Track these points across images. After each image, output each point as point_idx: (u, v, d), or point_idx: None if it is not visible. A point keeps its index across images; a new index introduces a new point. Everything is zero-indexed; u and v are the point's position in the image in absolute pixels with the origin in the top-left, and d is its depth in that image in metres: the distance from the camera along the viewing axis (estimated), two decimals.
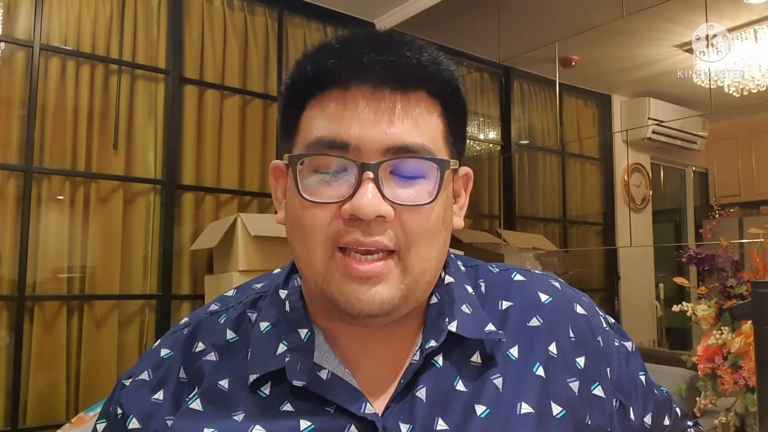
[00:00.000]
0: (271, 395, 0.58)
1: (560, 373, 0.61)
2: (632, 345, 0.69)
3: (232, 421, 0.57)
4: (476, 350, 0.60)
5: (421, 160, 0.55)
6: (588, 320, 0.66)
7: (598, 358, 0.64)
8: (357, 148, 0.53)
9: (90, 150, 2.53)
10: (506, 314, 0.63)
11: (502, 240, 3.24)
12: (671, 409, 0.72)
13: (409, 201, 0.54)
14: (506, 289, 0.66)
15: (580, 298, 0.68)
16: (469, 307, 0.62)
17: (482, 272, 0.68)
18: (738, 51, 2.30)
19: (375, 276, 0.54)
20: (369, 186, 0.53)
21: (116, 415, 0.62)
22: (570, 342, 0.63)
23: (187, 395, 0.60)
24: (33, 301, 2.35)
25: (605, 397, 0.62)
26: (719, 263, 1.71)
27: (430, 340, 0.58)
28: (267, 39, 3.03)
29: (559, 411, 0.59)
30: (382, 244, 0.54)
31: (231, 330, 0.63)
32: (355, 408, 0.55)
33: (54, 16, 2.47)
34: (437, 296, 0.61)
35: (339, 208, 0.54)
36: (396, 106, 0.54)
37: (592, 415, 0.61)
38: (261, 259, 2.33)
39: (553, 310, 0.64)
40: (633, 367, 0.68)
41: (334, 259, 0.55)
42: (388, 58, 0.54)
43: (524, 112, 3.48)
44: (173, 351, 0.64)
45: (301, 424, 0.55)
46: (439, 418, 0.56)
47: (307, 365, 0.57)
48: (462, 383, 0.58)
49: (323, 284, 0.55)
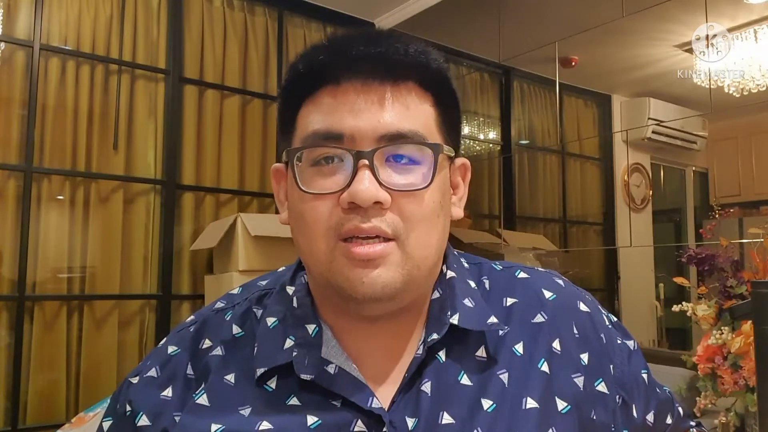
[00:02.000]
0: (277, 389, 0.58)
1: (564, 368, 0.61)
2: (634, 344, 0.70)
3: (239, 416, 0.57)
4: (480, 345, 0.61)
5: (415, 145, 0.56)
6: (591, 317, 0.66)
7: (600, 355, 0.64)
8: (352, 137, 0.55)
9: (90, 150, 2.53)
10: (510, 311, 0.64)
11: (502, 240, 3.24)
12: (674, 408, 0.73)
13: (405, 186, 0.56)
14: (510, 286, 0.66)
15: (583, 296, 0.69)
16: (472, 300, 0.62)
17: (486, 269, 0.69)
18: (738, 51, 2.30)
19: (375, 258, 0.55)
20: (365, 173, 0.54)
21: (125, 413, 0.62)
22: (574, 338, 0.64)
23: (195, 391, 0.60)
24: (33, 301, 2.35)
25: (608, 393, 0.63)
26: (719, 263, 1.70)
27: (433, 333, 0.59)
28: (267, 39, 3.03)
29: (565, 406, 0.59)
30: (380, 229, 0.55)
31: (237, 325, 0.64)
32: (362, 401, 0.56)
33: (54, 16, 2.47)
34: (439, 291, 0.62)
35: (338, 198, 0.55)
36: (388, 95, 0.56)
37: (596, 411, 0.61)
38: (261, 259, 2.33)
39: (557, 308, 0.65)
40: (635, 365, 0.68)
41: (337, 248, 0.56)
42: (377, 49, 0.56)
43: (524, 112, 3.48)
44: (180, 348, 0.64)
45: (308, 419, 0.56)
46: (444, 412, 0.56)
47: (314, 360, 0.58)
48: (467, 377, 0.59)
49: (328, 273, 0.56)
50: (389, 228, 0.55)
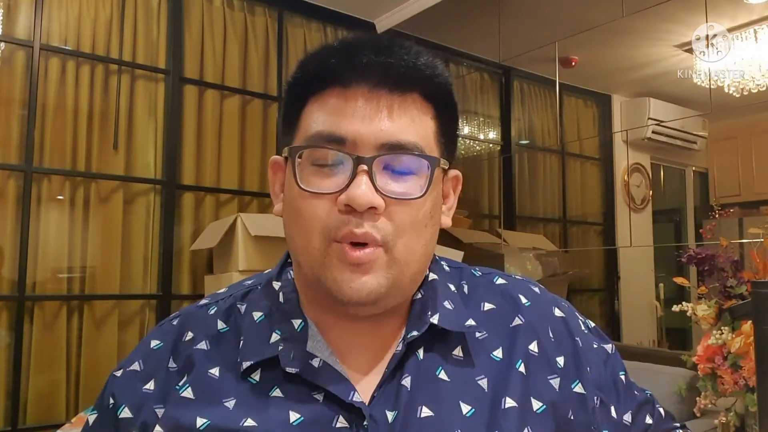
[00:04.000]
0: (261, 381, 0.60)
1: (541, 370, 0.63)
2: (612, 347, 0.73)
3: (224, 408, 0.59)
4: (458, 345, 0.63)
5: (413, 156, 0.58)
6: (566, 322, 0.69)
7: (576, 358, 0.66)
8: (353, 142, 0.57)
9: (90, 150, 2.53)
10: (488, 315, 0.66)
11: (502, 240, 3.24)
12: (653, 409, 0.74)
13: (400, 194, 0.58)
14: (488, 291, 0.69)
15: (558, 302, 0.72)
16: (451, 303, 0.65)
17: (466, 274, 0.71)
18: (738, 51, 2.30)
19: (365, 264, 0.57)
20: (363, 178, 0.56)
21: (108, 406, 0.63)
22: (550, 341, 0.66)
23: (177, 383, 0.61)
24: (33, 301, 2.36)
25: (586, 393, 0.65)
26: (719, 263, 1.70)
27: (413, 330, 0.61)
28: (267, 39, 3.03)
29: (540, 406, 0.61)
30: (371, 236, 0.56)
31: (221, 320, 0.66)
32: (343, 395, 0.57)
33: (54, 16, 2.47)
34: (422, 293, 0.64)
35: (335, 199, 0.57)
36: (392, 105, 0.58)
37: (574, 412, 0.63)
38: (261, 259, 2.33)
39: (533, 312, 0.67)
40: (612, 368, 0.70)
41: (331, 248, 0.57)
42: (387, 59, 0.58)
43: (524, 112, 3.48)
44: (163, 341, 0.66)
45: (291, 416, 0.57)
46: (423, 406, 0.58)
47: (300, 354, 0.59)
48: (444, 373, 0.61)
49: (319, 271, 0.58)
50: (379, 234, 0.57)
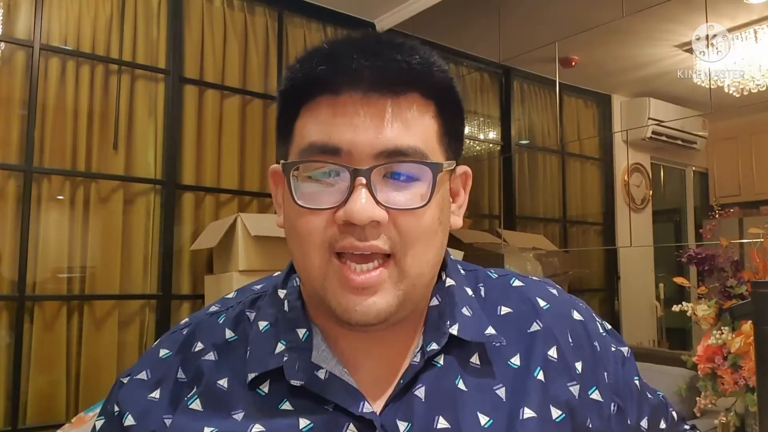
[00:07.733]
0: (269, 393, 0.58)
1: (560, 377, 0.61)
2: (628, 350, 0.70)
3: (232, 420, 0.57)
4: (476, 352, 0.61)
5: (413, 163, 0.55)
6: (585, 325, 0.67)
7: (595, 363, 0.64)
8: (349, 152, 0.54)
9: (90, 150, 2.53)
10: (505, 320, 0.64)
11: (502, 240, 3.24)
12: (667, 413, 0.73)
13: (403, 205, 0.54)
14: (505, 294, 0.66)
15: (577, 304, 0.69)
16: (470, 309, 0.62)
17: (482, 276, 0.68)
18: (738, 51, 2.30)
19: (371, 286, 0.54)
20: (362, 191, 0.53)
21: (113, 413, 0.63)
22: (569, 346, 0.64)
23: (187, 395, 0.60)
24: (33, 301, 2.35)
25: (603, 401, 0.63)
26: (719, 263, 1.71)
27: (432, 343, 0.58)
28: (267, 39, 3.03)
29: (559, 414, 0.59)
30: (377, 247, 0.54)
31: (230, 329, 0.64)
32: (353, 408, 0.56)
33: (54, 16, 2.46)
34: (438, 298, 0.61)
35: (333, 214, 0.54)
36: (387, 110, 0.54)
37: (591, 419, 0.61)
38: (261, 259, 2.33)
39: (552, 316, 0.65)
40: (629, 372, 0.68)
41: (331, 264, 0.55)
42: (377, 63, 0.54)
43: (524, 112, 3.48)
44: (172, 351, 0.64)
45: (300, 423, 0.56)
46: (440, 416, 0.56)
47: (304, 364, 0.57)
48: (463, 383, 0.59)
49: (321, 291, 0.56)
50: (386, 245, 0.54)
